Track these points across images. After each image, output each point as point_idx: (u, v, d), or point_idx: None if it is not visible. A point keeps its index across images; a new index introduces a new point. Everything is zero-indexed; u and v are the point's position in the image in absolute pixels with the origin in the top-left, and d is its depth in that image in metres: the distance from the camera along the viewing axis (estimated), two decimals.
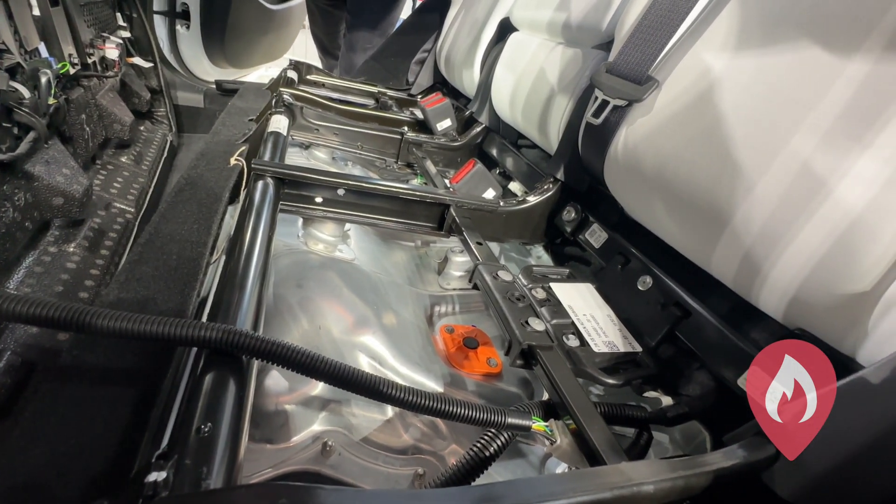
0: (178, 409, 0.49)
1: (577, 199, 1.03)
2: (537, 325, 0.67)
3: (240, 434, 0.38)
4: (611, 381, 0.66)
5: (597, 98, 0.87)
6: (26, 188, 0.85)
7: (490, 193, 1.11)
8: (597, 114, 0.87)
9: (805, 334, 0.56)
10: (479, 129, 1.51)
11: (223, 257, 0.87)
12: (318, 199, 0.92)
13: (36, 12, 0.94)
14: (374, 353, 0.77)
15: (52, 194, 0.90)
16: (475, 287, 0.81)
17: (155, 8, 2.06)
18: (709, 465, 0.46)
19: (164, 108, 1.83)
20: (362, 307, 0.83)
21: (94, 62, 1.27)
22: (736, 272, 0.64)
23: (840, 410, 0.44)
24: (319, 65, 3.20)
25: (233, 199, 1.00)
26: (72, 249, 0.97)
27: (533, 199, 1.05)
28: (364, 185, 0.92)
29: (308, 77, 1.94)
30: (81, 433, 0.45)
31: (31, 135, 0.81)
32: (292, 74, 1.76)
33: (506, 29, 1.43)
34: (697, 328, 0.71)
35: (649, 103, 0.79)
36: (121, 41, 1.45)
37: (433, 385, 0.78)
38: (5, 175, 0.78)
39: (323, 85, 1.96)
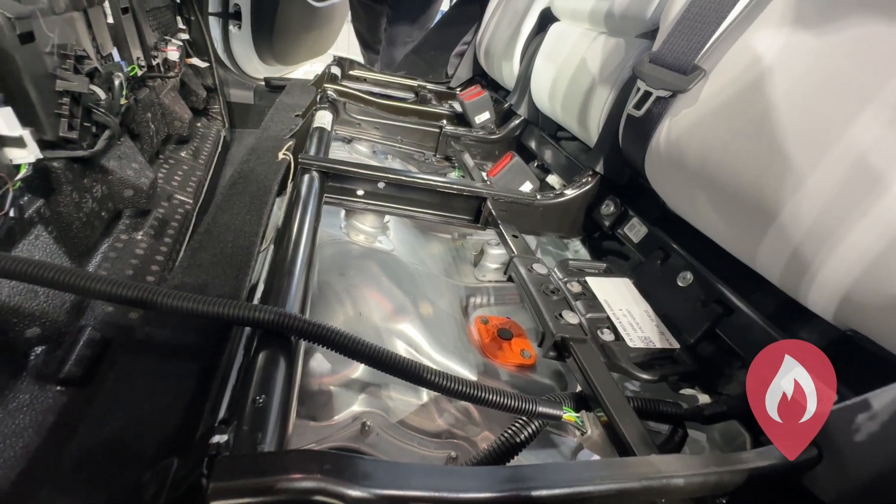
0: (233, 381, 0.54)
1: (616, 193, 1.02)
2: (571, 318, 0.68)
3: (289, 406, 0.42)
4: (645, 375, 0.65)
5: (639, 89, 0.85)
6: (102, 181, 0.94)
7: (527, 187, 1.12)
8: (638, 105, 0.85)
9: (857, 335, 0.54)
10: (517, 121, 1.50)
11: (271, 246, 0.93)
12: (360, 192, 0.96)
13: (110, 20, 1.03)
14: (411, 341, 0.80)
15: (123, 187, 0.99)
16: (510, 279, 0.82)
17: (210, 10, 2.18)
18: (744, 463, 0.46)
19: (218, 105, 1.94)
20: (400, 296, 0.86)
21: (158, 64, 1.37)
22: (783, 269, 0.62)
23: (891, 414, 0.42)
24: (361, 59, 3.28)
25: (280, 191, 1.06)
26: (140, 237, 1.06)
27: (571, 193, 1.05)
28: (403, 178, 0.95)
29: (351, 72, 2.00)
30: (153, 400, 0.51)
31: (107, 133, 0.90)
32: (336, 70, 1.81)
33: (547, 19, 1.41)
34: (740, 326, 0.69)
35: (695, 94, 0.76)
36: (181, 43, 1.55)
37: (467, 373, 0.80)
38: (86, 169, 0.87)
39: (364, 80, 2.01)
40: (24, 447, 0.60)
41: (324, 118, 1.18)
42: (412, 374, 0.49)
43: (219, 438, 0.36)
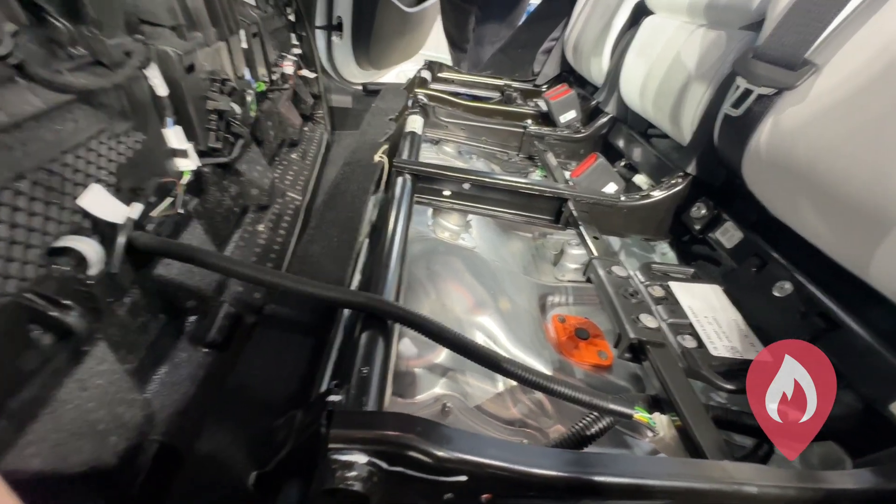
0: (334, 356, 0.64)
1: (709, 195, 0.97)
2: (649, 321, 0.68)
3: (386, 377, 0.50)
4: (727, 385, 0.64)
5: (738, 87, 0.81)
6: (236, 182, 1.13)
7: (611, 188, 1.11)
8: (737, 104, 0.81)
9: None
10: (604, 119, 1.47)
11: (366, 240, 1.05)
12: (447, 193, 1.04)
13: (244, 45, 1.22)
14: (489, 333, 0.86)
15: (251, 186, 1.18)
16: (589, 280, 0.84)
17: (317, 24, 2.42)
18: (828, 483, 0.44)
19: (322, 111, 2.15)
20: (481, 291, 0.92)
21: (277, 78, 1.57)
22: None
23: None
24: (449, 57, 3.38)
25: (376, 189, 1.17)
26: (261, 228, 1.24)
27: (658, 194, 1.02)
28: (486, 180, 1.00)
29: (439, 75, 2.09)
30: (280, 365, 0.63)
31: (241, 142, 1.08)
32: (426, 74, 1.91)
33: (640, 12, 1.36)
34: (845, 343, 0.64)
35: (803, 91, 0.71)
36: (294, 58, 1.76)
37: (541, 368, 0.83)
38: (225, 173, 1.05)
39: (452, 81, 2.09)
40: (184, 393, 0.77)
41: (414, 122, 1.27)
42: (490, 361, 0.54)
43: (334, 397, 0.45)
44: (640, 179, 1.25)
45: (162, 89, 0.77)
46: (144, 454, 0.61)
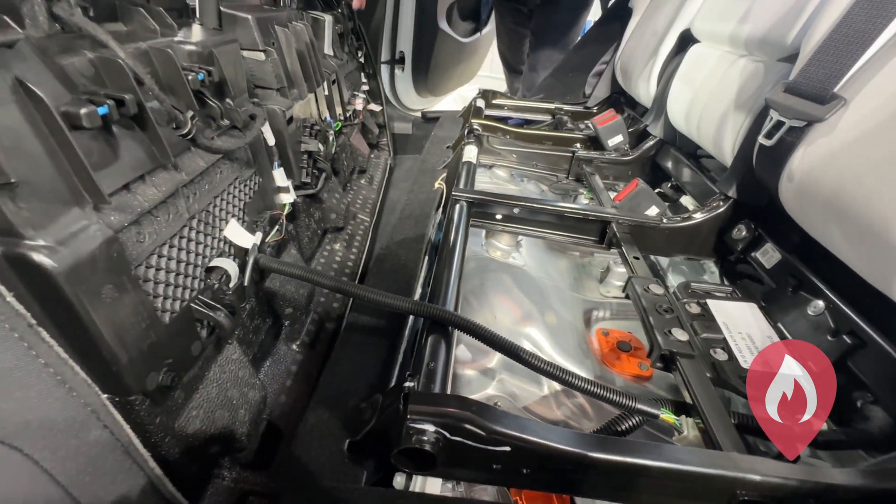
0: (404, 353, 0.78)
1: (750, 216, 1.02)
2: (680, 335, 0.76)
3: (448, 371, 0.63)
4: None
5: (771, 118, 0.87)
6: (319, 209, 1.33)
7: (653, 211, 1.18)
8: (770, 134, 0.87)
9: None
10: (652, 142, 1.53)
11: (427, 258, 1.20)
12: (498, 216, 1.16)
13: (326, 93, 1.44)
14: (536, 342, 0.97)
15: (330, 212, 1.38)
16: (627, 297, 0.92)
17: (382, 59, 2.68)
18: (829, 478, 0.51)
19: (385, 138, 2.38)
20: (528, 305, 1.04)
21: (350, 115, 1.80)
22: None
23: None
24: (503, 78, 3.53)
25: (437, 212, 1.33)
26: (337, 247, 1.44)
27: (699, 217, 1.08)
28: (535, 205, 1.12)
29: (493, 101, 2.24)
30: (363, 360, 0.78)
31: (324, 175, 1.28)
32: (480, 103, 2.07)
33: (686, 40, 1.42)
34: (874, 360, 0.68)
35: (832, 123, 0.77)
36: (363, 95, 1.99)
37: (584, 376, 0.92)
38: (312, 202, 1.26)
39: (504, 107, 2.23)
40: (282, 383, 0.95)
41: (470, 152, 1.42)
42: (531, 362, 0.66)
43: (409, 383, 0.59)
44: (687, 201, 1.30)
45: (271, 140, 0.97)
46: (259, 427, 0.79)
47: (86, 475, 0.48)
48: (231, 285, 0.73)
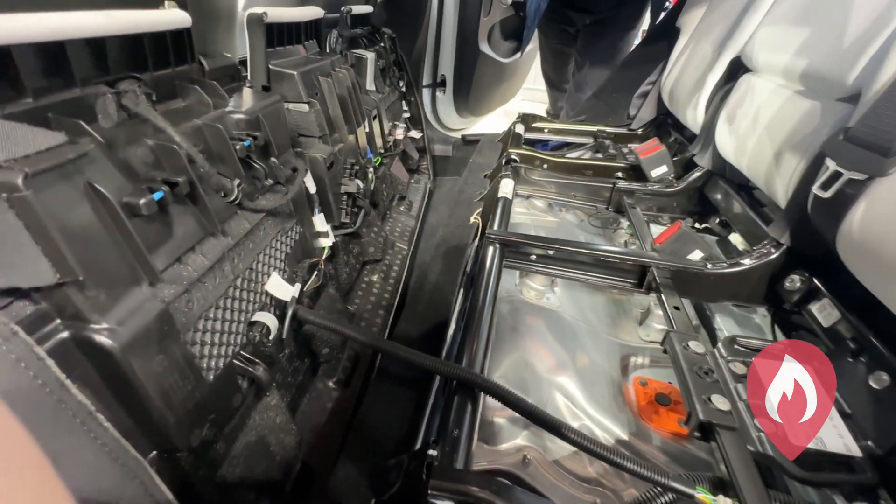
0: (432, 408, 0.79)
1: (805, 266, 0.94)
2: (721, 403, 0.72)
3: (473, 438, 0.63)
4: (805, 475, 0.65)
5: (828, 167, 0.81)
6: (358, 244, 1.38)
7: (696, 255, 1.12)
8: (827, 185, 0.81)
9: None
10: (699, 172, 1.46)
11: (462, 290, 1.20)
12: (533, 257, 1.16)
13: (367, 130, 1.50)
14: (568, 393, 0.95)
15: (368, 245, 1.43)
16: (665, 352, 0.89)
17: (424, 83, 2.74)
18: None
19: (426, 162, 2.42)
20: (561, 352, 1.02)
21: (390, 145, 1.86)
22: None
23: None
24: (546, 97, 3.50)
25: (473, 243, 1.34)
26: (375, 279, 1.49)
27: (748, 263, 1.02)
28: (570, 248, 1.10)
29: (533, 125, 2.22)
30: (391, 412, 0.80)
31: (362, 212, 1.33)
32: (519, 128, 2.06)
33: (737, 68, 1.36)
34: None
35: None
36: (404, 125, 2.04)
37: (618, 431, 0.90)
38: (350, 239, 1.31)
39: (545, 130, 2.21)
40: (317, 421, 0.99)
41: (506, 187, 1.42)
42: (559, 430, 0.65)
43: (432, 452, 0.60)
44: (736, 239, 1.23)
45: (312, 188, 1.03)
46: (294, 470, 0.83)
47: None
48: (271, 337, 0.77)
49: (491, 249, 1.11)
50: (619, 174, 1.62)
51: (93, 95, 0.57)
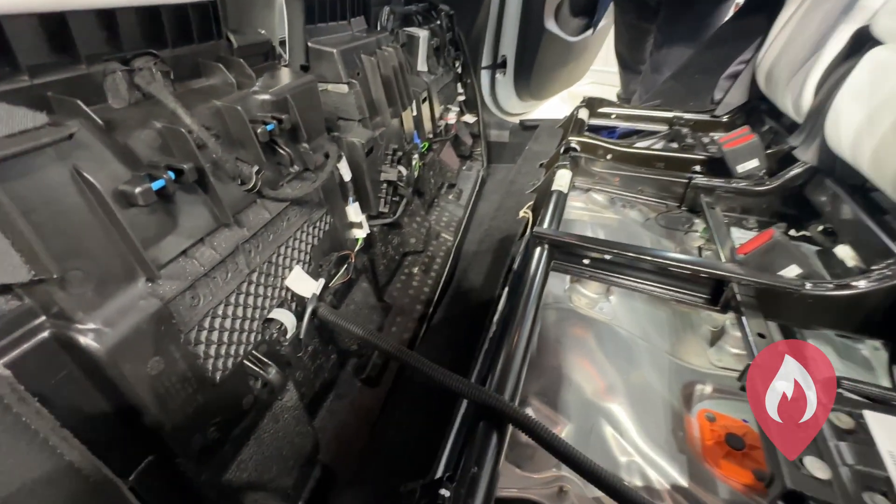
0: (454, 432, 0.70)
1: None
2: (817, 469, 0.57)
3: (495, 480, 0.54)
4: None
5: None
6: (398, 234, 1.31)
7: (792, 271, 0.92)
8: None
9: None
10: (799, 169, 1.22)
11: (507, 289, 1.09)
12: (586, 261, 1.02)
13: (414, 113, 1.41)
14: (617, 423, 0.82)
15: (409, 237, 1.36)
16: (743, 389, 0.73)
17: (483, 64, 2.59)
18: None
19: (480, 147, 2.30)
20: (612, 373, 0.89)
21: (440, 130, 1.76)
22: None
23: None
24: (617, 79, 3.21)
25: (521, 238, 1.22)
26: (416, 271, 1.42)
27: (864, 285, 0.81)
28: (630, 254, 0.95)
29: (599, 111, 2.02)
30: (411, 428, 0.73)
31: (404, 201, 1.25)
32: (583, 114, 1.88)
33: (862, 41, 1.10)
34: None
35: None
36: (458, 109, 1.93)
37: (675, 475, 0.76)
38: (390, 229, 1.24)
39: (612, 116, 2.00)
40: (342, 420, 0.94)
41: (562, 179, 1.28)
42: (594, 478, 0.54)
43: (444, 492, 0.52)
44: (844, 252, 1.01)
45: (347, 175, 0.96)
46: (311, 475, 0.79)
47: None
48: (288, 336, 0.72)
49: (538, 250, 0.99)
50: (697, 167, 1.41)
51: (101, 73, 0.53)
